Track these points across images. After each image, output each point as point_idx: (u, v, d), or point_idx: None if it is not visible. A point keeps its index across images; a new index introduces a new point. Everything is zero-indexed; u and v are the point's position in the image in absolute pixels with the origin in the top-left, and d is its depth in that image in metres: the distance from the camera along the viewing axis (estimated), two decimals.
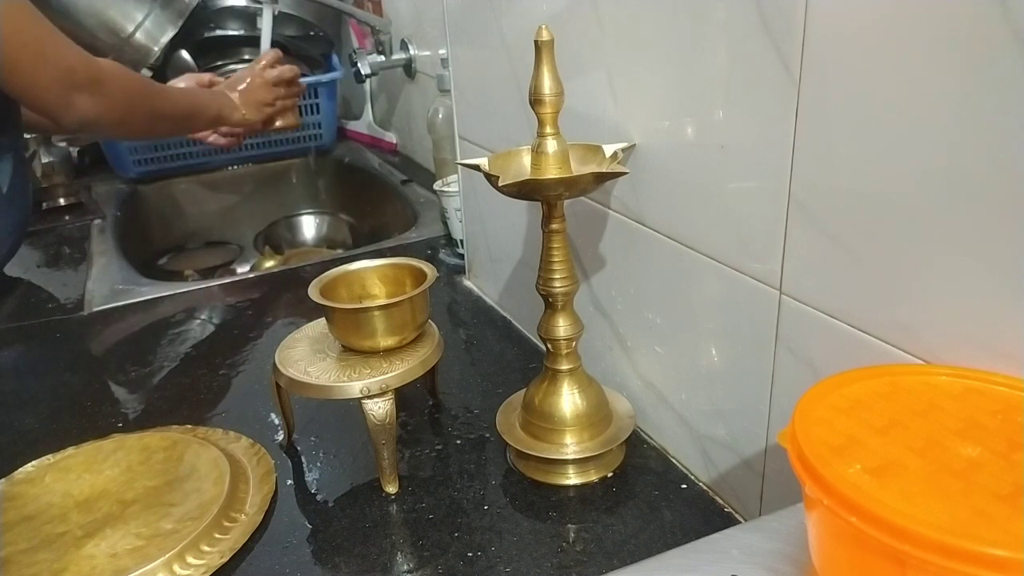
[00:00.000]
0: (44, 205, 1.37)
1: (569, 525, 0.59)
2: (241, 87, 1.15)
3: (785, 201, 0.48)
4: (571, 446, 0.63)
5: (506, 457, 0.68)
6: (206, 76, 1.19)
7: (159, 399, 0.80)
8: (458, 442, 0.70)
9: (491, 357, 0.84)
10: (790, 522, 0.40)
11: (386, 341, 0.63)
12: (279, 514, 0.63)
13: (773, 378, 0.53)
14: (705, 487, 0.63)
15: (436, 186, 1.10)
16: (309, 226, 1.63)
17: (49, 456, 0.68)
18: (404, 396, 0.75)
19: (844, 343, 0.46)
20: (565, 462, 0.63)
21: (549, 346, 0.64)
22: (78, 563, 0.55)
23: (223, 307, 1.01)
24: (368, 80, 1.49)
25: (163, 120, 1.04)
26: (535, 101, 0.56)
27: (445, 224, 1.13)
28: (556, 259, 0.61)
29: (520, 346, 0.86)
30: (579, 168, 0.60)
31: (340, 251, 1.50)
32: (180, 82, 1.16)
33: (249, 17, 1.47)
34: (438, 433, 0.72)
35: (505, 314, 0.93)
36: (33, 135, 1.31)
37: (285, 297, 1.03)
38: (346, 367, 0.62)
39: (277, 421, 0.73)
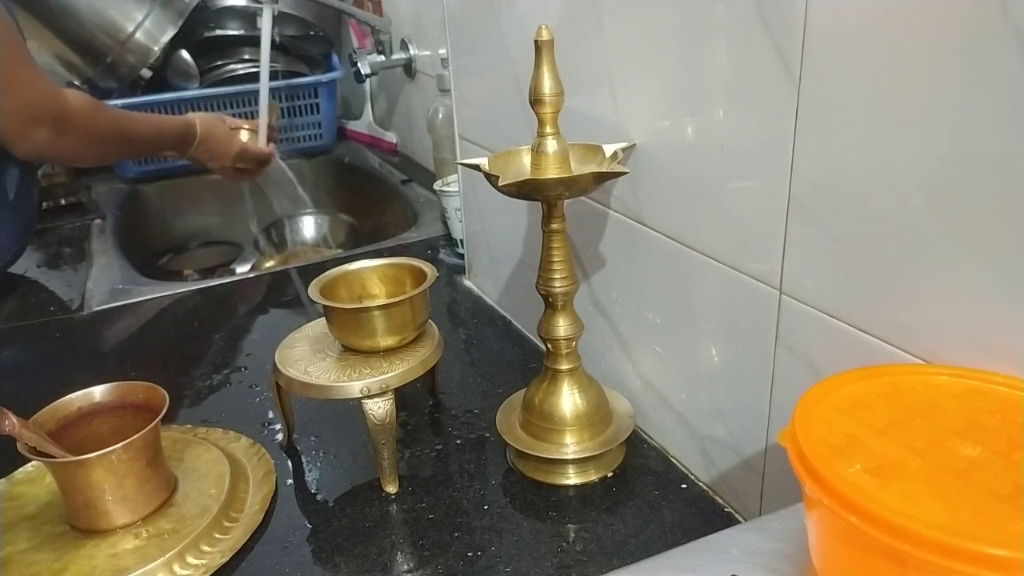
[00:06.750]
0: (44, 205, 1.36)
1: (569, 525, 0.59)
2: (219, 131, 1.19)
3: (785, 201, 0.48)
4: (571, 446, 0.63)
5: (506, 457, 0.68)
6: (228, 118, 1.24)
7: None
8: (458, 442, 0.70)
9: (491, 357, 0.84)
10: (790, 522, 0.40)
11: (386, 341, 0.63)
12: (279, 514, 0.63)
13: (773, 378, 0.53)
14: (705, 487, 0.63)
15: (436, 186, 1.10)
16: (309, 226, 1.63)
17: None
18: (404, 396, 0.75)
19: (844, 343, 0.46)
20: (565, 462, 0.63)
21: (549, 346, 0.64)
22: (78, 563, 0.55)
23: (223, 307, 1.01)
24: (368, 80, 1.49)
25: (127, 148, 1.07)
26: (535, 101, 0.56)
27: (445, 224, 1.13)
28: (556, 259, 0.61)
29: (520, 346, 0.86)
30: (579, 168, 0.60)
31: (340, 251, 1.50)
32: (196, 116, 1.18)
33: (249, 17, 1.47)
34: (438, 433, 0.72)
35: (505, 314, 0.93)
36: None
37: (285, 297, 1.03)
38: (346, 367, 0.62)
39: (277, 421, 0.73)
